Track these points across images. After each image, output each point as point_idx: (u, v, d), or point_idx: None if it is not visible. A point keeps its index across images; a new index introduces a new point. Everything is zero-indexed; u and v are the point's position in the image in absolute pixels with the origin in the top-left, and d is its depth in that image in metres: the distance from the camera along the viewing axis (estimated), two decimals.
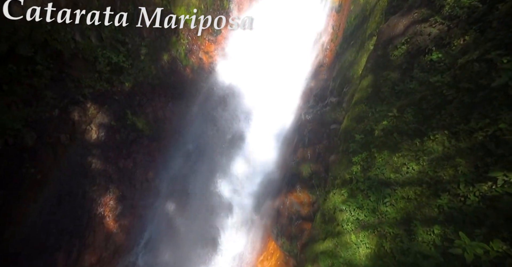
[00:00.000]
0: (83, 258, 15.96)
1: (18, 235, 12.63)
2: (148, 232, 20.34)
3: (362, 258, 7.51)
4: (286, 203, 16.40)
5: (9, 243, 12.29)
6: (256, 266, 17.30)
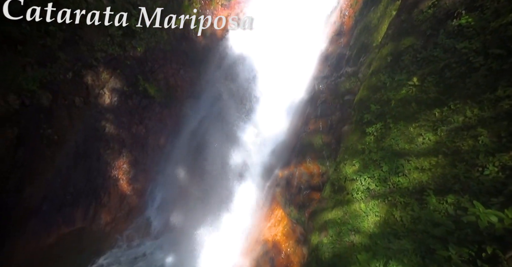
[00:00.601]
0: (99, 216, 16.84)
1: (38, 191, 13.28)
2: (160, 196, 21.13)
3: (371, 225, 7.65)
4: (296, 173, 16.55)
5: (30, 199, 12.99)
6: (263, 232, 17.85)
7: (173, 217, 19.77)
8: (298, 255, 15.43)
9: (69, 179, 14.66)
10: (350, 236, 8.34)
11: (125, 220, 18.72)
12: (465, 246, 4.39)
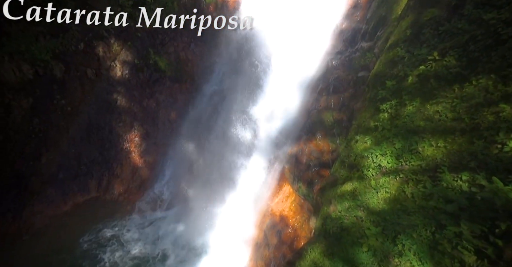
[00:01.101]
0: (113, 187, 17.40)
1: (54, 160, 13.74)
2: (170, 170, 21.59)
3: (380, 202, 7.68)
4: (305, 150, 16.55)
5: (46, 167, 13.47)
6: (271, 207, 18.19)
7: (183, 190, 20.28)
8: (305, 229, 15.79)
9: (83, 150, 15.06)
10: (359, 212, 8.42)
11: (137, 191, 19.33)
12: (477, 222, 4.38)
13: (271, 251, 16.68)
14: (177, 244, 18.49)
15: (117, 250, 17.14)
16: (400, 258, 5.86)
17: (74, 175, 15.07)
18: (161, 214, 20.25)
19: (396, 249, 6.09)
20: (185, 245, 18.42)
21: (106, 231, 17.82)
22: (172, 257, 17.82)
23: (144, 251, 17.57)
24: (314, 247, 9.50)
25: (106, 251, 16.89)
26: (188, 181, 20.55)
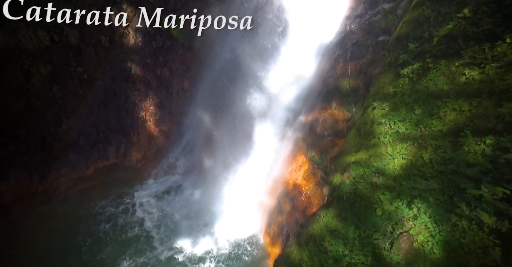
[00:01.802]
0: (130, 154, 17.94)
1: (74, 127, 14.20)
2: (185, 138, 21.91)
3: (396, 168, 7.62)
4: (320, 119, 16.34)
5: (67, 134, 13.96)
6: (284, 176, 18.41)
7: (197, 158, 20.69)
8: (318, 197, 16.03)
9: (101, 117, 15.40)
10: (373, 178, 8.42)
11: (153, 158, 19.88)
12: (499, 185, 4.29)
13: (284, 217, 17.18)
14: (192, 210, 19.24)
15: (136, 213, 18.07)
16: (414, 221, 5.90)
17: (94, 142, 15.58)
18: (176, 181, 20.90)
19: (411, 213, 6.12)
20: (199, 211, 19.15)
21: (125, 196, 18.68)
22: (188, 222, 18.64)
23: (161, 215, 18.44)
24: (327, 212, 9.69)
25: (126, 214, 17.85)
26: (202, 149, 20.88)
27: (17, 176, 12.53)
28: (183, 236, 17.61)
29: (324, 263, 8.23)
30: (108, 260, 15.43)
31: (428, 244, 5.21)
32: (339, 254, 7.82)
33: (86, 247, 15.69)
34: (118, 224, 17.30)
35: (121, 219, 17.58)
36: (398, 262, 5.73)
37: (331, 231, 8.81)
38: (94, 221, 16.90)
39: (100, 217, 17.27)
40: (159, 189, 20.06)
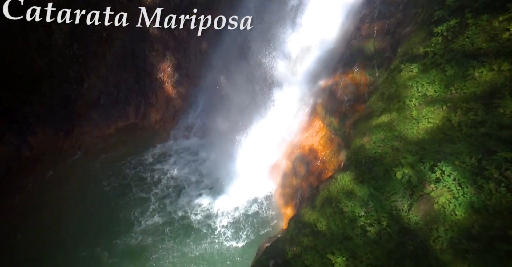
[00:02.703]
0: (149, 115, 18.28)
1: (95, 86, 14.48)
2: (202, 101, 21.94)
3: (421, 132, 7.39)
4: (340, 83, 15.85)
5: (89, 92, 14.29)
6: (301, 140, 18.37)
7: (215, 120, 20.81)
8: (333, 163, 16.06)
9: (120, 77, 15.52)
10: (395, 142, 8.24)
11: (171, 120, 20.19)
12: None
13: (298, 180, 17.45)
14: (208, 170, 19.82)
15: (154, 172, 18.83)
16: (436, 184, 5.81)
17: (114, 101, 15.92)
18: (194, 143, 21.32)
19: (433, 176, 6.01)
20: (216, 172, 19.71)
21: (146, 155, 19.36)
22: (204, 182, 19.30)
23: (180, 175, 19.12)
24: (344, 176, 9.69)
25: (145, 172, 18.67)
26: (219, 112, 20.91)
27: (44, 132, 13.16)
28: (199, 195, 18.36)
29: (339, 223, 8.39)
30: (127, 215, 16.50)
31: (450, 205, 5.15)
32: (355, 215, 7.92)
33: (109, 199, 16.80)
34: (137, 181, 18.19)
35: (140, 176, 18.44)
36: (416, 222, 5.74)
37: (347, 194, 8.87)
38: (116, 177, 17.90)
39: (121, 173, 18.24)
40: (177, 149, 20.59)
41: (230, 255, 15.63)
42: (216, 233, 16.57)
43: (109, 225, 16.14)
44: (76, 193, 16.18)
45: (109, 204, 16.72)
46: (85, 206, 16.36)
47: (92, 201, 16.60)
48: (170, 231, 16.28)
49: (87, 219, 16.08)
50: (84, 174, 16.45)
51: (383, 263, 5.94)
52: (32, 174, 13.82)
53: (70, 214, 15.75)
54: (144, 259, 15.04)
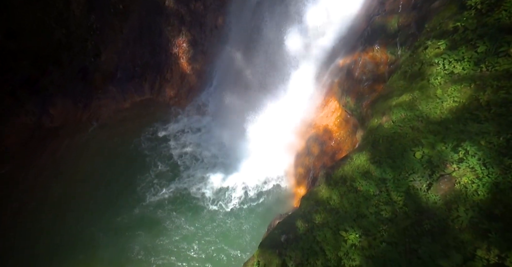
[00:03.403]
0: (164, 90, 18.33)
1: (112, 59, 14.59)
2: (217, 78, 21.74)
3: (444, 111, 7.12)
4: (359, 62, 15.35)
5: (106, 65, 14.37)
6: (315, 120, 18.13)
7: (229, 98, 20.65)
8: (348, 143, 15.87)
9: (137, 52, 15.50)
10: (415, 122, 8.00)
11: (185, 97, 20.18)
12: None
13: (311, 160, 17.40)
14: (221, 148, 19.96)
15: (168, 147, 19.11)
16: (459, 164, 5.64)
17: (130, 76, 16.02)
18: (207, 120, 21.35)
19: (456, 156, 5.83)
20: (229, 149, 19.83)
21: (160, 130, 19.59)
22: (217, 159, 19.50)
23: (191, 150, 19.34)
24: (360, 155, 9.56)
25: (158, 146, 19.00)
26: (234, 90, 20.71)
27: (64, 103, 13.46)
28: (212, 171, 18.61)
29: (353, 202, 8.38)
30: (139, 188, 17.11)
31: (473, 186, 5.02)
32: (370, 194, 7.87)
33: (123, 171, 17.56)
34: (151, 155, 18.57)
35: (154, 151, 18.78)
36: (435, 202, 5.65)
37: (362, 173, 8.78)
38: (130, 150, 18.49)
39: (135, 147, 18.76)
40: (190, 126, 20.70)
41: (240, 231, 16.00)
42: (227, 209, 16.91)
43: (121, 196, 16.72)
44: (91, 164, 16.82)
45: (122, 176, 17.27)
46: (99, 177, 16.97)
47: (106, 172, 17.21)
48: (181, 205, 16.70)
49: (100, 190, 16.70)
50: (100, 147, 16.89)
51: (397, 240, 5.93)
52: (52, 144, 14.28)
53: (84, 184, 16.46)
54: (156, 231, 15.55)
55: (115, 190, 16.72)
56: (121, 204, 16.27)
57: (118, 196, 16.57)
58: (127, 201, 16.52)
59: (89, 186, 16.39)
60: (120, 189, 16.80)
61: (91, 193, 16.39)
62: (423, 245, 5.23)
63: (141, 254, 14.76)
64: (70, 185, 15.96)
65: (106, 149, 17.11)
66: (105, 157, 17.03)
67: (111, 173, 17.12)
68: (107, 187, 16.68)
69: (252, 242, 15.27)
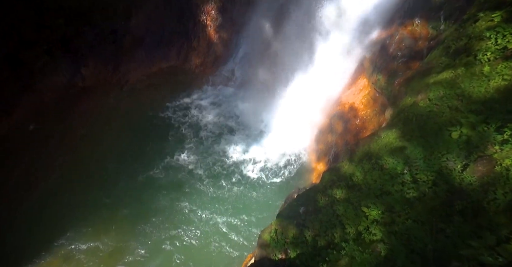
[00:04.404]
0: (190, 58, 18.23)
1: (141, 23, 14.55)
2: (243, 49, 21.27)
3: (490, 90, 6.63)
4: (395, 37, 14.51)
5: (135, 29, 14.38)
6: (342, 97, 17.62)
7: (255, 70, 20.26)
8: (374, 123, 15.41)
9: (165, 17, 15.32)
10: (455, 101, 7.55)
11: (211, 66, 19.98)
12: None
13: (334, 137, 17.11)
14: (244, 120, 19.93)
15: (191, 115, 19.33)
16: (502, 146, 5.33)
17: (158, 41, 16.03)
18: (232, 91, 21.21)
19: (499, 137, 5.49)
20: (252, 122, 19.78)
21: (185, 98, 19.76)
22: (239, 131, 19.56)
23: (216, 121, 19.47)
24: (389, 133, 9.24)
25: (182, 114, 19.34)
26: (260, 62, 20.23)
27: (95, 64, 13.76)
28: (234, 142, 18.75)
29: (377, 179, 8.21)
30: (163, 152, 17.74)
31: None
32: (396, 172, 7.66)
33: (148, 135, 18.22)
34: (175, 122, 18.95)
35: (179, 118, 19.07)
36: (470, 183, 5.41)
37: (390, 151, 8.52)
38: (156, 116, 18.94)
39: (160, 114, 19.16)
40: (215, 96, 20.68)
41: (257, 201, 16.31)
42: (246, 179, 17.17)
43: (144, 159, 17.28)
44: (117, 126, 17.40)
45: (146, 140, 17.90)
46: (124, 140, 17.56)
47: (131, 136, 17.81)
48: (202, 172, 17.10)
49: (125, 152, 17.34)
50: (127, 110, 17.31)
51: (424, 219, 5.79)
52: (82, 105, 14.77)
53: (110, 146, 17.10)
54: (175, 194, 16.08)
55: (138, 153, 17.31)
56: (144, 167, 16.86)
57: (141, 158, 17.15)
58: (150, 163, 17.11)
59: (114, 148, 16.99)
60: (143, 152, 17.36)
61: (116, 155, 17.04)
62: (453, 225, 5.08)
63: (159, 214, 15.44)
64: (96, 146, 16.61)
65: (132, 113, 17.54)
66: (131, 121, 17.51)
67: (136, 138, 17.64)
68: (132, 150, 17.26)
69: (268, 212, 15.57)
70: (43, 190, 15.21)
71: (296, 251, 8.47)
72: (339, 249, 7.13)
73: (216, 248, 14.57)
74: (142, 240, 14.65)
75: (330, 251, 7.32)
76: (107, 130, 16.86)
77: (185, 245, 14.60)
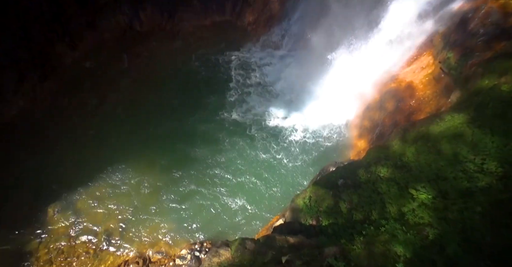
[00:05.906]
0: (244, 14, 17.70)
1: None
2: (300, 9, 19.92)
3: None
4: (481, 10, 12.75)
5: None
6: (398, 75, 16.27)
7: (307, 34, 19.10)
8: (432, 106, 14.17)
9: None
10: None
11: (264, 25, 19.19)
12: None
13: (382, 115, 16.10)
14: (290, 85, 19.26)
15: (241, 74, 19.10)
16: None
17: None
18: (281, 55, 20.36)
19: None
20: (297, 88, 19.07)
21: (234, 56, 19.37)
22: (284, 95, 19.03)
23: (261, 81, 19.04)
24: (455, 117, 8.37)
25: (232, 72, 19.19)
26: (314, 26, 18.88)
27: (152, 10, 14.13)
28: (276, 106, 18.38)
29: (432, 163, 7.59)
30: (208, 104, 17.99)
31: None
32: (458, 158, 6.99)
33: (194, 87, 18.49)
34: (221, 77, 19.03)
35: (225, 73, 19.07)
36: None
37: (453, 136, 7.74)
38: (206, 69, 18.87)
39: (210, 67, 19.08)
40: (264, 57, 20.07)
41: (291, 168, 16.20)
42: (283, 145, 16.99)
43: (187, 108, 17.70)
44: (166, 74, 17.76)
45: (192, 91, 18.20)
46: (171, 87, 18.01)
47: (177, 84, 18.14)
48: (240, 132, 17.22)
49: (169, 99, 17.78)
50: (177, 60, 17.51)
51: (486, 211, 5.26)
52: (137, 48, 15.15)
53: (156, 90, 17.60)
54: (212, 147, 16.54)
55: (182, 102, 17.77)
56: (186, 116, 17.32)
57: (181, 108, 17.60)
58: (191, 114, 17.55)
59: (160, 93, 17.46)
60: (187, 102, 17.79)
61: (161, 100, 17.61)
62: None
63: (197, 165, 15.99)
64: (142, 90, 17.13)
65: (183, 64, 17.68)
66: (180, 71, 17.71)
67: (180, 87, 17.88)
68: (176, 98, 17.68)
69: (301, 180, 15.52)
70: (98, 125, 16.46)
71: (329, 220, 8.34)
72: (378, 225, 6.84)
73: (241, 206, 14.92)
74: (181, 184, 15.42)
75: (367, 226, 7.06)
76: (155, 76, 17.30)
77: (213, 198, 15.08)
